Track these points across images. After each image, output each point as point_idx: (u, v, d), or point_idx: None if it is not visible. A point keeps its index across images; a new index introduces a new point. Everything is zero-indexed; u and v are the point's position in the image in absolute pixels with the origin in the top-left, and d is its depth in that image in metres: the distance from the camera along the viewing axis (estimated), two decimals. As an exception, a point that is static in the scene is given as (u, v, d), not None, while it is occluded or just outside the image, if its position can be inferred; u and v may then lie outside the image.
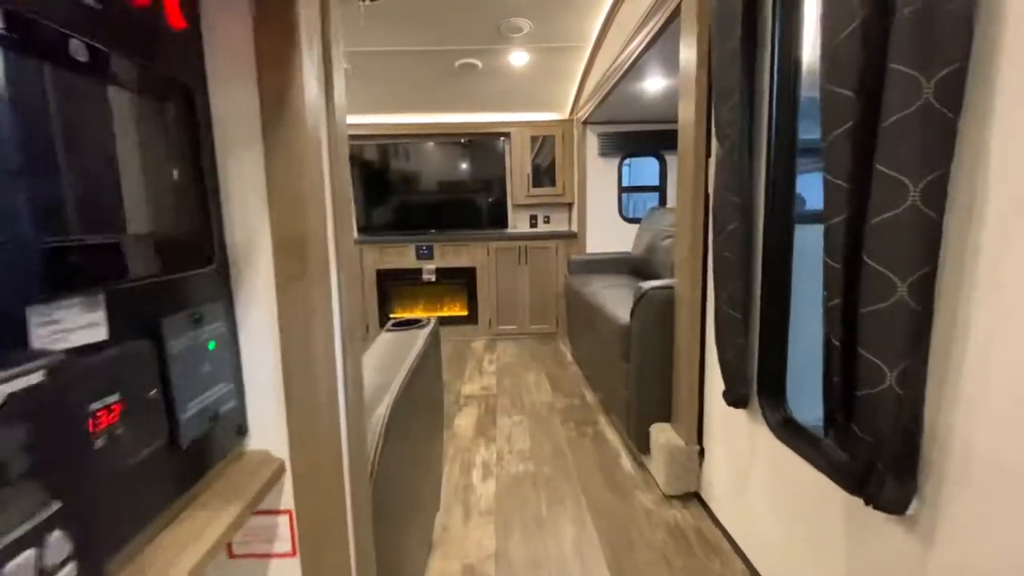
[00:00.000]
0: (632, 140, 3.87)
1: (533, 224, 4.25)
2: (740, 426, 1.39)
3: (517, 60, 3.01)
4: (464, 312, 4.09)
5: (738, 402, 1.33)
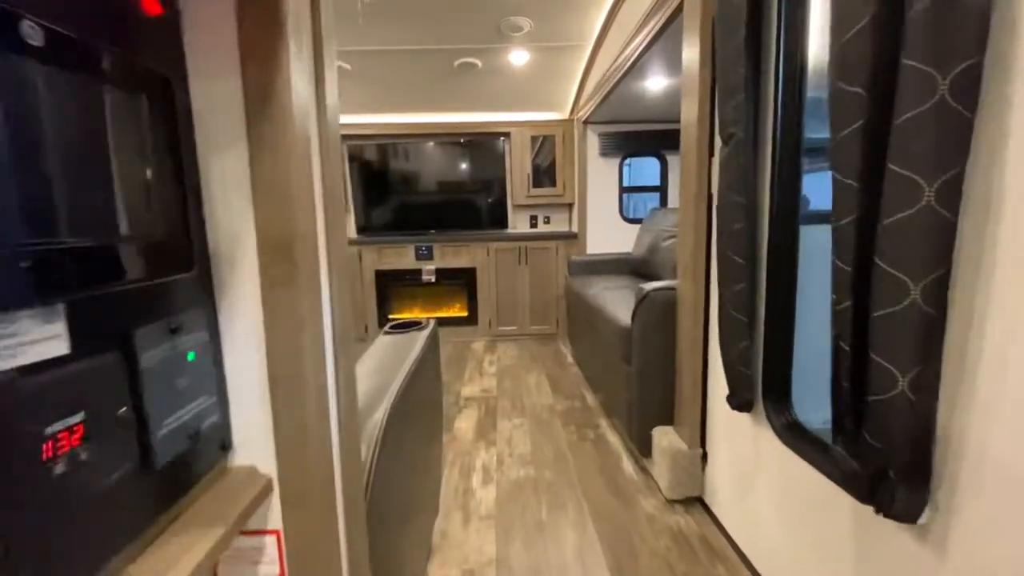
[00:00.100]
0: (633, 140, 3.85)
1: (533, 224, 4.23)
2: (744, 429, 1.37)
3: (517, 59, 2.99)
4: (464, 313, 4.07)
5: (742, 406, 1.31)
